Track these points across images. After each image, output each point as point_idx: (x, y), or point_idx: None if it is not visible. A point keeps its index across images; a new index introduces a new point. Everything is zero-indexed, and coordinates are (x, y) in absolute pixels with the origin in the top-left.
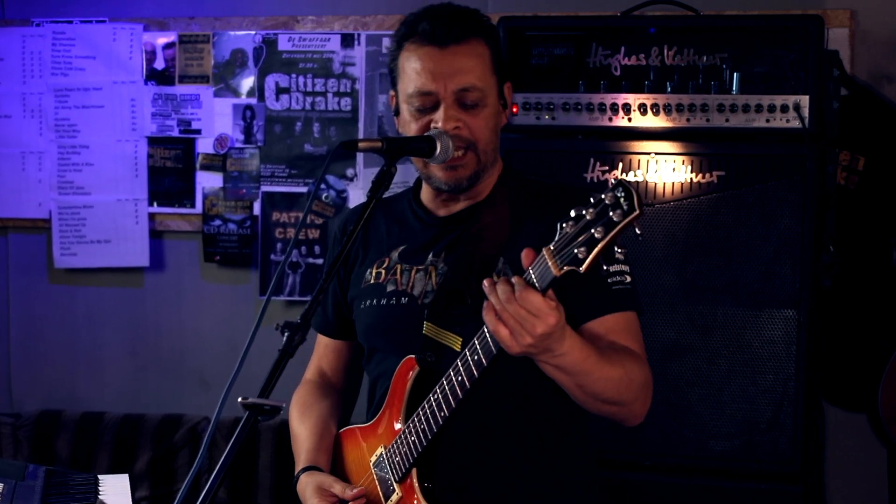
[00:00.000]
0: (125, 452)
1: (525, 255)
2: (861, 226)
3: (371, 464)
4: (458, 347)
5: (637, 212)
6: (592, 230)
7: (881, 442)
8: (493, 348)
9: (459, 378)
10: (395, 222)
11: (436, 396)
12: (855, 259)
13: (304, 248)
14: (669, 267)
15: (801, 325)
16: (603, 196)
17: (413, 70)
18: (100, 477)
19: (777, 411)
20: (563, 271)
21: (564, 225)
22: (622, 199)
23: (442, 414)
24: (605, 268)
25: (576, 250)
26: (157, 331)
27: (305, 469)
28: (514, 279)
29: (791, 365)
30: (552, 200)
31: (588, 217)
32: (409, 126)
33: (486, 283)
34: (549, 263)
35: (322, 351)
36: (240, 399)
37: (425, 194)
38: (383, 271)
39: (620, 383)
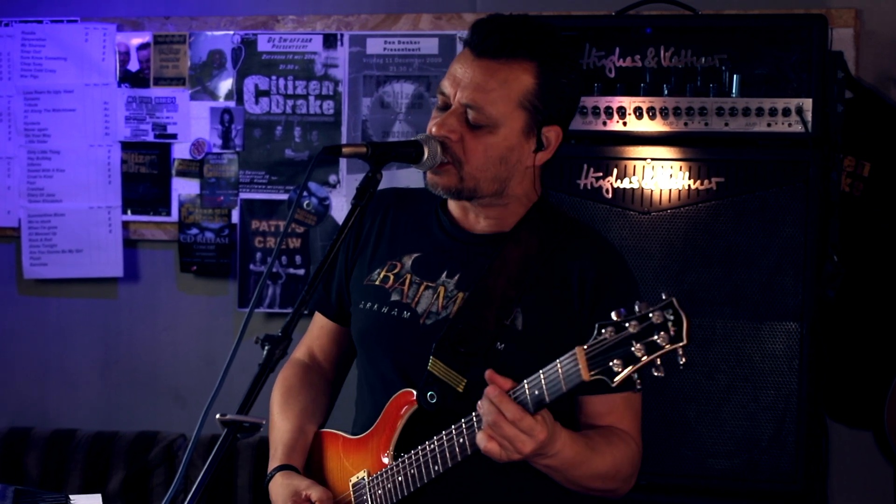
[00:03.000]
0: (98, 471)
1: (502, 381)
2: (866, 234)
3: (350, 484)
4: (461, 389)
5: (684, 342)
6: (632, 347)
7: (887, 460)
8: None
9: (461, 440)
10: (417, 222)
11: (432, 447)
12: (860, 269)
13: (284, 259)
14: (666, 277)
15: (803, 339)
16: (650, 313)
17: (450, 67)
18: (71, 497)
19: (779, 428)
20: (592, 377)
21: (604, 330)
22: (671, 324)
23: (436, 468)
24: None
25: (611, 363)
26: (131, 344)
27: (280, 468)
28: (504, 405)
29: (793, 380)
30: (577, 244)
31: (630, 329)
32: (431, 119)
33: (487, 375)
34: (581, 366)
35: (316, 332)
36: (218, 416)
37: (451, 202)
38: (392, 276)
39: (607, 475)
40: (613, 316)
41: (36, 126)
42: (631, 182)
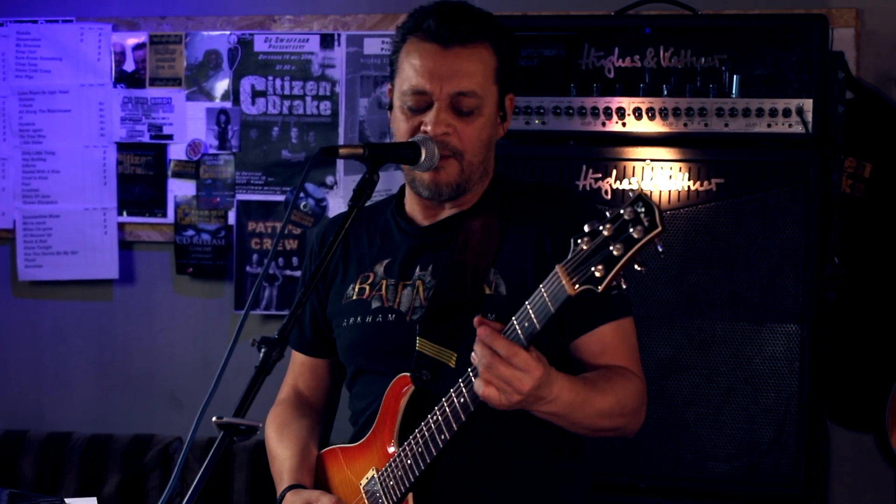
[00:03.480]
0: (93, 474)
1: (491, 324)
2: (867, 236)
3: (361, 487)
4: (453, 364)
5: (659, 228)
6: (611, 247)
7: (888, 463)
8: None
9: (462, 400)
10: (378, 234)
11: (435, 418)
12: (861, 271)
13: (281, 260)
14: (666, 280)
15: (804, 341)
16: (622, 211)
17: (411, 66)
18: (67, 500)
19: (779, 431)
20: (578, 290)
21: (580, 241)
22: (642, 215)
23: (442, 437)
24: None
25: (593, 268)
26: (127, 347)
27: (290, 488)
28: (496, 343)
29: (794, 382)
30: (537, 201)
31: (605, 233)
32: (399, 124)
33: (476, 320)
34: (564, 282)
35: (298, 370)
36: (214, 418)
37: (409, 203)
38: (367, 287)
39: (613, 412)
40: (586, 228)
41: (31, 127)
42: (630, 183)
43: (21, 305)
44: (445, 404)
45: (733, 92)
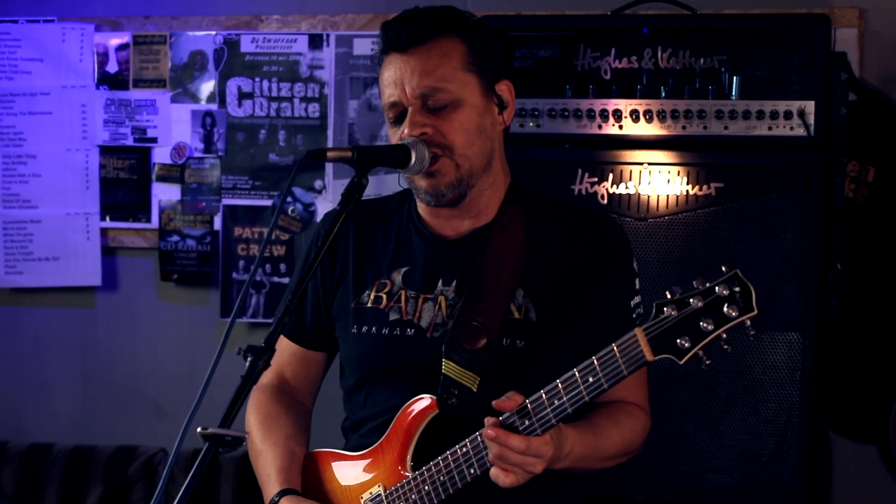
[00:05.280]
0: (75, 487)
1: (510, 399)
2: (871, 241)
3: (362, 500)
4: (475, 388)
5: (754, 312)
6: (700, 322)
7: (892, 474)
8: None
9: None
10: (394, 237)
11: (465, 450)
12: (864, 277)
13: (268, 267)
14: (664, 286)
15: (806, 349)
16: (715, 287)
17: (383, 82)
18: None
19: (780, 442)
20: (657, 358)
21: (667, 309)
22: (738, 295)
23: (472, 471)
24: (632, 303)
25: (678, 340)
26: (110, 355)
27: (284, 493)
28: (509, 441)
29: (795, 392)
30: (567, 220)
31: (693, 305)
32: (391, 139)
33: (489, 426)
34: (643, 347)
35: (287, 358)
36: (199, 429)
37: (424, 209)
38: (384, 296)
39: (619, 453)
40: (668, 294)
41: (11, 129)
42: (627, 187)
43: (1, 313)
44: (479, 439)
45: (733, 93)
